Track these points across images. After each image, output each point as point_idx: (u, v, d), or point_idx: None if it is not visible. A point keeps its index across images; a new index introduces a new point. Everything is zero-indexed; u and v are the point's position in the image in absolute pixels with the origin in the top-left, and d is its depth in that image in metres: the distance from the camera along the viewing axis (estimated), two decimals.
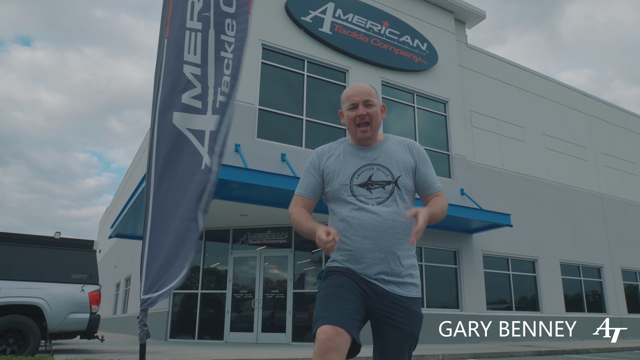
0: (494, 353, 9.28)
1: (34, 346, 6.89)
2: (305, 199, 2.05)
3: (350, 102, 2.00)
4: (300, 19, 12.20)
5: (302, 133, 11.77)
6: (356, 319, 1.79)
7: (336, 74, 12.80)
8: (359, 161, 1.99)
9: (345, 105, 2.03)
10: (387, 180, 1.96)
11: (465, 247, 13.51)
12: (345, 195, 1.95)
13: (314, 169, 2.05)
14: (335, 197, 1.99)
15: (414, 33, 14.18)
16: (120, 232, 13.83)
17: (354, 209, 1.93)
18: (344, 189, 1.96)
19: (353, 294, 1.84)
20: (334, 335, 1.69)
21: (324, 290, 1.87)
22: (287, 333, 11.29)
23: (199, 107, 2.95)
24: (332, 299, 1.81)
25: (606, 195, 18.30)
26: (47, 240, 7.83)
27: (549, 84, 18.28)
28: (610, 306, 16.62)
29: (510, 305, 14.37)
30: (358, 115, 1.97)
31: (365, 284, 1.90)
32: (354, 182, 1.96)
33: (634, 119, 21.15)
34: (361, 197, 1.94)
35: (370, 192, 1.94)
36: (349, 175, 1.97)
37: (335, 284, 1.87)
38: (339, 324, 1.71)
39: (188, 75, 2.96)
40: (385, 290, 1.90)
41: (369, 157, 2.00)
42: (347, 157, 2.02)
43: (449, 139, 14.30)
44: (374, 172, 1.97)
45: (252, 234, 12.27)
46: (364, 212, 1.91)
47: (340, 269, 1.93)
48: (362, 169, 1.98)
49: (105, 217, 35.91)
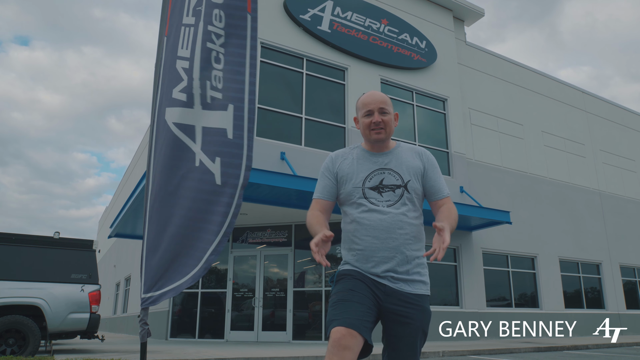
0: (494, 349, 9.29)
1: (34, 346, 6.88)
2: (322, 201, 2.13)
3: (366, 109, 2.09)
4: (299, 17, 12.19)
5: (301, 131, 11.76)
6: (368, 320, 1.87)
7: (335, 72, 12.79)
8: (371, 165, 2.09)
9: (361, 112, 2.13)
10: (398, 184, 2.04)
11: (465, 245, 13.52)
12: (357, 198, 2.04)
13: (328, 172, 2.15)
14: (347, 200, 2.08)
15: (413, 31, 14.17)
16: (119, 231, 13.82)
17: (364, 210, 2.02)
18: (356, 192, 2.05)
19: (364, 296, 1.92)
20: (347, 334, 1.78)
21: (337, 295, 1.95)
22: (288, 331, 11.29)
23: (184, 100, 2.89)
24: (345, 302, 1.89)
25: (605, 192, 18.32)
26: (46, 240, 7.81)
27: (548, 82, 18.28)
28: (609, 302, 16.65)
29: (510, 302, 14.38)
30: (373, 122, 2.07)
31: (375, 286, 1.97)
32: (366, 185, 2.05)
33: (632, 116, 21.16)
34: (372, 199, 2.03)
35: (381, 195, 2.03)
36: (362, 178, 2.07)
37: (347, 287, 1.95)
38: (351, 326, 1.80)
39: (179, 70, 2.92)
40: (394, 289, 1.96)
41: (381, 162, 2.09)
42: (360, 161, 2.11)
43: (448, 136, 14.30)
44: (385, 176, 2.06)
45: (252, 232, 12.27)
46: (374, 214, 2.00)
47: (351, 272, 2.00)
48: (374, 173, 2.07)
49: (104, 216, 35.88)
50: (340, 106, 12.51)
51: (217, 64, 2.98)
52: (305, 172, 11.25)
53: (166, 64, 2.94)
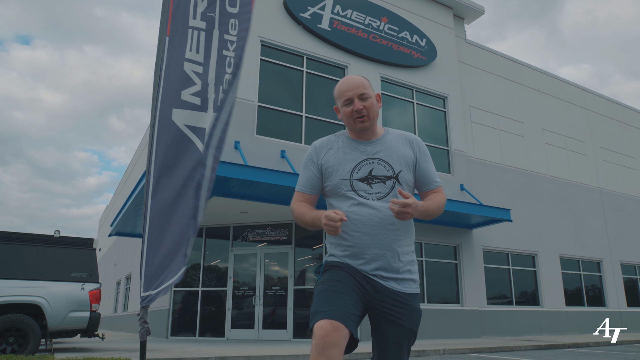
0: (494, 347, 9.29)
1: (34, 345, 6.88)
2: (305, 194, 2.02)
3: (345, 98, 1.96)
4: (299, 16, 12.16)
5: (301, 129, 11.75)
6: (354, 313, 1.77)
7: (335, 70, 12.77)
8: (359, 155, 1.95)
9: (340, 102, 1.99)
10: (388, 175, 1.92)
11: (465, 243, 13.52)
12: (345, 190, 1.91)
13: (312, 164, 2.01)
14: (334, 192, 1.95)
15: (413, 29, 14.15)
16: (120, 230, 13.82)
17: (353, 204, 1.89)
18: (343, 184, 1.92)
19: (351, 288, 1.82)
20: (332, 330, 1.66)
21: (322, 285, 1.85)
22: (288, 330, 11.30)
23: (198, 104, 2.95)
24: (330, 293, 1.79)
25: (605, 190, 18.31)
26: (46, 238, 7.81)
27: (548, 79, 18.26)
28: (610, 300, 16.66)
29: (511, 300, 14.39)
30: (355, 110, 1.93)
31: (364, 279, 1.87)
32: (354, 176, 1.92)
33: (632, 114, 21.14)
34: (361, 192, 1.90)
35: (370, 186, 1.90)
36: (349, 169, 1.93)
37: (334, 278, 1.84)
38: (337, 319, 1.69)
39: (189, 73, 2.97)
40: (384, 287, 1.88)
41: (369, 151, 1.96)
42: (346, 150, 1.97)
43: (448, 134, 14.29)
44: (374, 167, 1.93)
45: (253, 230, 12.26)
46: (364, 208, 1.88)
47: (338, 264, 1.90)
48: (362, 163, 1.94)
49: (105, 215, 35.89)
50: None
51: (228, 68, 3.08)
52: None
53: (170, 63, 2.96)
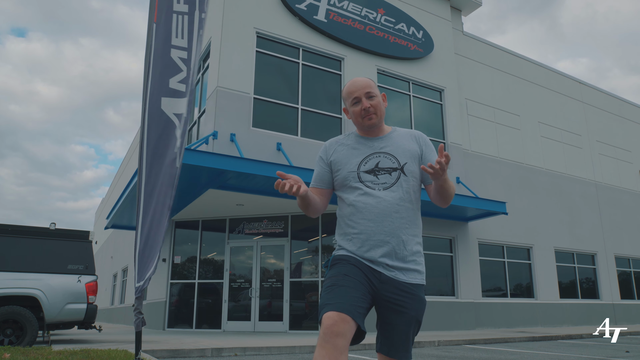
0: (489, 339, 9.37)
1: (31, 337, 6.90)
2: (316, 189, 2.14)
3: (353, 97, 2.09)
4: (295, 7, 12.10)
5: (297, 122, 11.74)
6: (361, 306, 1.83)
7: (332, 62, 12.73)
8: (366, 150, 2.08)
9: (348, 102, 2.12)
10: (394, 166, 2.03)
11: (460, 235, 13.58)
12: (353, 182, 2.03)
13: (322, 161, 2.16)
14: (343, 184, 2.07)
15: (410, 21, 14.10)
16: (116, 223, 13.81)
17: (360, 194, 2.00)
18: (351, 176, 2.04)
19: (359, 282, 1.89)
20: (339, 321, 1.73)
21: (330, 279, 1.92)
22: (285, 321, 11.36)
23: (182, 91, 2.92)
24: (338, 287, 1.86)
25: (601, 183, 18.38)
26: (42, 231, 7.81)
27: (545, 72, 18.25)
28: (604, 292, 16.78)
29: (506, 292, 14.48)
30: (363, 109, 2.06)
31: (370, 272, 1.94)
32: (361, 168, 2.04)
33: (629, 107, 21.17)
34: (368, 182, 2.01)
35: (377, 177, 2.01)
36: (357, 162, 2.05)
37: (341, 272, 1.92)
38: (344, 311, 1.76)
39: (175, 59, 2.94)
40: (389, 277, 1.94)
41: (376, 146, 2.08)
42: (355, 146, 2.11)
43: (444, 127, 14.29)
44: (380, 160, 2.04)
45: (249, 223, 12.28)
46: (369, 197, 1.98)
47: (346, 258, 1.98)
48: (369, 157, 2.06)
49: (101, 208, 35.83)
50: (337, 97, 12.48)
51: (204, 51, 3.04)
52: (302, 162, 11.24)
53: (157, 51, 2.91)
